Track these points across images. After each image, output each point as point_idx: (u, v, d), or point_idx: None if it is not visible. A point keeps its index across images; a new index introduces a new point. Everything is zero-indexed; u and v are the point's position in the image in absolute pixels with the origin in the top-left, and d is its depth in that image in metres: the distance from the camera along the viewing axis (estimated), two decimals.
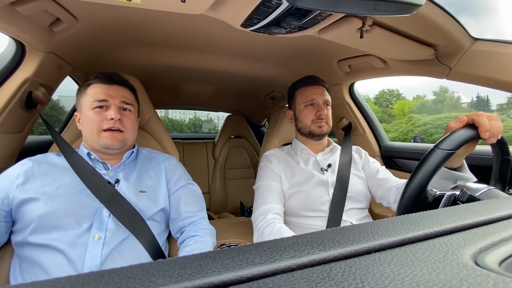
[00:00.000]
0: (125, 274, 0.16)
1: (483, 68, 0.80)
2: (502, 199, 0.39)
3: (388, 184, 0.91)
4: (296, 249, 0.19)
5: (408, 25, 0.75)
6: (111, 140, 0.73)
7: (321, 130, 0.97)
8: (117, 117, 0.73)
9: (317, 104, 0.98)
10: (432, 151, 0.50)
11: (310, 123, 0.98)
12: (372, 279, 0.16)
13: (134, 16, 0.84)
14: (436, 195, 0.54)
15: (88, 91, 0.76)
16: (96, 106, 0.74)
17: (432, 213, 0.28)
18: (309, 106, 0.99)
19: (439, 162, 0.49)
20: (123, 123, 0.75)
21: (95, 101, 0.74)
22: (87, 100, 0.75)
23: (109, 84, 0.77)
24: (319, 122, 0.97)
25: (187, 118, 24.28)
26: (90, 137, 0.74)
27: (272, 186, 0.94)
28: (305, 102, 0.99)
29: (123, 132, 0.76)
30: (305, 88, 1.01)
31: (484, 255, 0.20)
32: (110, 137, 0.73)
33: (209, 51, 1.15)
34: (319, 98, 0.98)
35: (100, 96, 0.74)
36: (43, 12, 0.70)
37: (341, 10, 0.53)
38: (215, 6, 0.63)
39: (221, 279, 0.16)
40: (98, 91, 0.75)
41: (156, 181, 0.81)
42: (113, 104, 0.74)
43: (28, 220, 0.63)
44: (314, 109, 0.98)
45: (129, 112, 0.79)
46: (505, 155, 0.58)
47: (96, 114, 0.73)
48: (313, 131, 0.98)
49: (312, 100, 0.98)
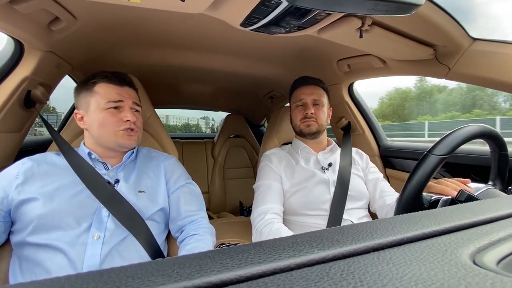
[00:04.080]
0: (124, 274, 0.16)
1: (482, 68, 0.80)
2: (501, 198, 0.39)
3: (387, 200, 0.93)
4: (295, 248, 0.19)
5: (407, 25, 0.75)
6: (129, 140, 0.76)
7: (309, 129, 1.00)
8: (133, 119, 0.76)
9: (305, 103, 1.01)
10: (425, 157, 0.50)
11: (299, 123, 1.02)
12: (370, 278, 0.16)
13: (133, 15, 0.84)
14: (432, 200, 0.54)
15: (98, 90, 0.75)
16: (111, 107, 0.74)
17: (431, 212, 0.28)
18: (299, 106, 1.02)
19: (432, 168, 0.49)
20: (136, 123, 0.78)
21: (110, 102, 0.74)
22: (98, 100, 0.74)
23: (121, 85, 0.78)
24: (306, 121, 1.00)
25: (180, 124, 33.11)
26: (103, 137, 0.75)
27: (272, 186, 0.94)
28: (295, 102, 1.03)
29: (137, 132, 0.79)
30: (297, 89, 1.05)
31: (482, 254, 0.20)
32: (128, 137, 0.76)
33: (208, 50, 1.14)
34: (307, 97, 1.01)
35: (115, 97, 0.75)
36: (42, 11, 0.70)
37: (340, 9, 0.53)
38: (215, 5, 0.63)
39: (220, 278, 0.16)
40: (111, 92, 0.75)
41: (155, 180, 0.81)
42: (126, 105, 0.76)
43: (28, 220, 0.63)
44: (303, 108, 1.01)
45: (139, 113, 0.82)
46: (502, 151, 0.58)
47: (111, 115, 0.74)
48: (302, 130, 1.01)
49: (301, 99, 1.02)
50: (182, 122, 34.04)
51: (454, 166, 1.01)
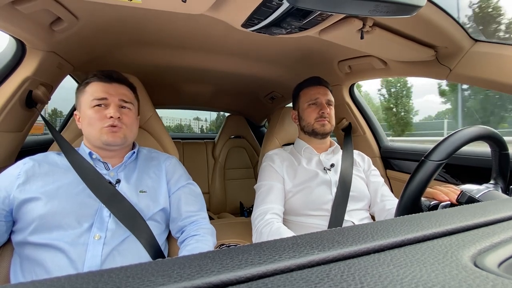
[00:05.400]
0: (124, 274, 0.16)
1: (483, 70, 0.80)
2: (502, 200, 0.39)
3: (387, 205, 0.93)
4: (295, 249, 0.19)
5: (408, 26, 0.75)
6: (112, 137, 0.74)
7: (323, 129, 0.99)
8: (116, 115, 0.73)
9: (320, 103, 1.00)
10: (422, 163, 0.50)
11: (313, 121, 1.00)
12: (371, 280, 0.16)
13: (135, 15, 0.84)
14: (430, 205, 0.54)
15: (87, 89, 0.76)
16: (96, 104, 0.74)
17: (432, 214, 0.28)
18: (312, 105, 1.01)
19: (430, 174, 0.49)
20: (122, 120, 0.76)
21: (94, 100, 0.74)
22: (86, 99, 0.75)
23: (108, 82, 0.77)
24: (322, 120, 0.99)
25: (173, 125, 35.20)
26: (91, 135, 0.75)
27: (273, 187, 0.94)
28: (308, 101, 1.02)
29: (123, 129, 0.76)
30: (309, 88, 1.04)
31: (483, 256, 0.20)
32: (111, 134, 0.74)
33: (210, 51, 1.15)
34: (322, 97, 1.00)
35: (99, 95, 0.74)
36: (44, 11, 0.70)
37: (341, 11, 0.53)
38: (216, 6, 0.64)
39: (220, 279, 0.16)
40: (97, 89, 0.75)
41: (156, 181, 0.81)
42: (112, 102, 0.75)
43: (29, 219, 0.63)
44: (317, 108, 1.00)
45: (128, 110, 0.79)
46: (503, 150, 0.58)
47: (96, 113, 0.73)
48: (316, 129, 1.00)
49: (316, 99, 1.00)
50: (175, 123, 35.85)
51: (454, 167, 1.00)
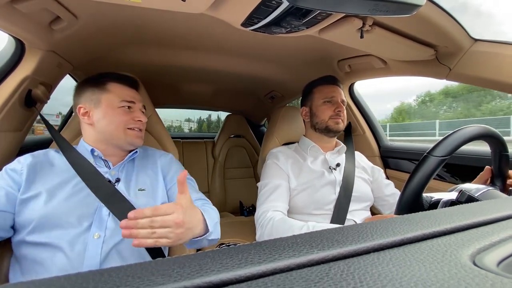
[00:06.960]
0: (124, 273, 0.16)
1: (483, 69, 0.80)
2: (501, 199, 0.39)
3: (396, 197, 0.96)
4: (295, 248, 0.19)
5: (408, 26, 0.75)
6: (137, 138, 0.81)
7: (337, 127, 0.99)
8: (144, 120, 0.82)
9: (336, 101, 1.01)
10: (425, 158, 0.50)
11: (328, 119, 1.00)
12: (370, 279, 0.16)
13: (135, 15, 0.84)
14: (432, 201, 0.54)
15: (111, 89, 0.79)
16: (124, 106, 0.78)
17: (431, 213, 0.28)
18: (328, 102, 1.01)
19: (432, 169, 0.49)
20: (143, 124, 0.84)
21: (124, 101, 0.78)
22: (111, 98, 0.77)
23: (133, 88, 0.84)
24: (337, 118, 0.99)
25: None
26: (111, 134, 0.77)
27: (277, 185, 0.93)
28: (324, 98, 1.02)
29: (143, 132, 0.84)
30: (324, 86, 1.04)
31: (483, 255, 0.20)
32: (136, 136, 0.80)
33: (209, 50, 1.14)
34: (338, 96, 1.01)
35: (129, 98, 0.80)
36: (43, 10, 0.70)
37: (341, 10, 0.53)
38: (216, 5, 0.63)
39: (220, 278, 0.16)
40: (125, 93, 0.80)
41: (153, 178, 0.81)
42: (137, 107, 0.82)
43: (29, 218, 0.63)
44: (333, 106, 1.00)
45: (145, 116, 0.86)
46: (503, 151, 0.58)
47: (124, 114, 0.78)
48: (330, 127, 1.00)
49: (332, 97, 1.01)
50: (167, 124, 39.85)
51: (454, 167, 1.01)
